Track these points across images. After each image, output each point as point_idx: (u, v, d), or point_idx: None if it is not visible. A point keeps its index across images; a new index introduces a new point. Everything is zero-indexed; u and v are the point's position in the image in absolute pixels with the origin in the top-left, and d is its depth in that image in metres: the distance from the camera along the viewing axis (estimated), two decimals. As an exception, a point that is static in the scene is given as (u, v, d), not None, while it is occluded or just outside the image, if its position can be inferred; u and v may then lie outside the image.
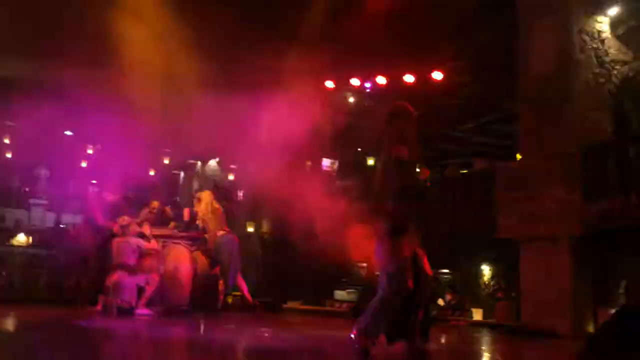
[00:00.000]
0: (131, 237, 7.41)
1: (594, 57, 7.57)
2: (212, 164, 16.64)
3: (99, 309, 7.06)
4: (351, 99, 12.62)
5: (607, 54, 7.71)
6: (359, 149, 13.79)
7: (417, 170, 4.29)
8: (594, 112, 7.41)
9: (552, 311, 6.83)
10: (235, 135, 11.10)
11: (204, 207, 7.96)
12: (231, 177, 15.72)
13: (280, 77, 9.14)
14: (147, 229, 7.84)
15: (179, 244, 8.06)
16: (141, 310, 7.10)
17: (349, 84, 11.35)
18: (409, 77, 10.52)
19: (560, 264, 6.85)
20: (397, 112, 4.35)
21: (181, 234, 8.24)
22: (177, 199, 16.39)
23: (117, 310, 6.88)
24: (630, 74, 8.03)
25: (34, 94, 9.60)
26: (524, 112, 7.85)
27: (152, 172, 16.97)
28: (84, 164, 16.28)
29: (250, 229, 13.22)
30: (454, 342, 6.15)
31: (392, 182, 4.04)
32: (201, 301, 8.01)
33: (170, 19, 8.02)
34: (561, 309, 6.75)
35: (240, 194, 14.69)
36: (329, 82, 11.32)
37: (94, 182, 17.54)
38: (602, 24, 7.73)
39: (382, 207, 4.14)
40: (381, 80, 10.81)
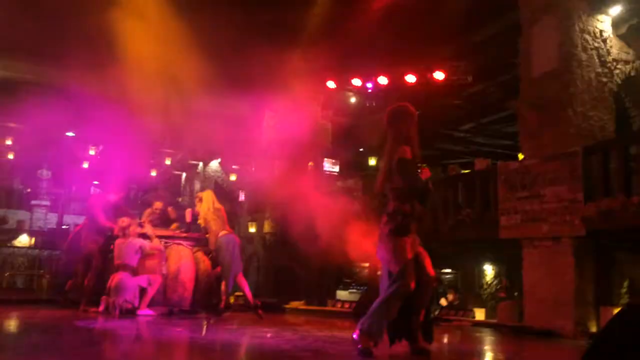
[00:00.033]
0: (133, 237, 7.40)
1: (595, 57, 7.57)
2: (214, 164, 16.68)
3: (102, 309, 7.06)
4: (353, 99, 12.64)
5: (609, 53, 7.71)
6: (361, 149, 13.81)
7: (419, 170, 4.27)
8: (596, 111, 7.42)
9: (555, 311, 6.82)
10: (236, 135, 11.12)
11: (206, 206, 7.92)
12: (233, 177, 15.74)
13: (282, 78, 9.15)
14: (150, 229, 7.84)
15: (181, 244, 8.06)
16: (143, 310, 7.09)
17: (351, 84, 11.36)
18: (410, 77, 10.53)
19: (562, 264, 6.84)
20: (398, 112, 4.34)
21: (183, 235, 8.24)
22: (180, 199, 16.43)
23: (120, 310, 6.88)
24: (632, 73, 8.03)
25: (36, 96, 9.61)
26: (526, 111, 7.83)
27: (153, 173, 17.02)
28: (86, 165, 16.31)
29: (252, 229, 13.22)
30: (457, 342, 6.14)
31: (395, 183, 4.03)
32: (203, 302, 8.01)
33: (173, 19, 8.02)
34: (564, 308, 6.74)
35: (242, 195, 14.69)
36: (331, 82, 11.34)
37: (96, 183, 17.58)
38: (604, 23, 7.74)
39: (384, 208, 4.14)
40: (383, 80, 10.82)
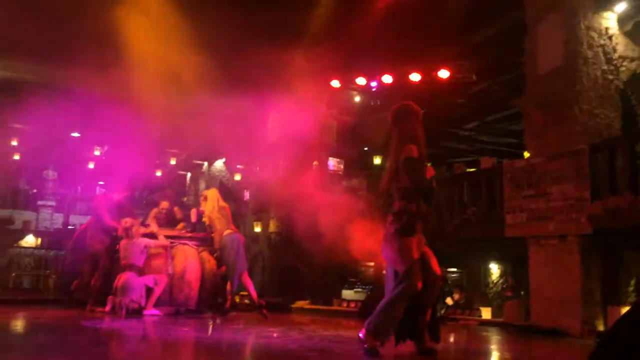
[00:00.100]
0: (138, 237, 7.41)
1: (601, 54, 7.53)
2: (219, 164, 16.69)
3: (108, 309, 7.08)
4: (357, 98, 12.62)
5: (614, 50, 7.67)
6: (365, 148, 13.79)
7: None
8: (602, 109, 7.39)
9: (562, 310, 6.79)
10: (241, 135, 11.12)
11: (210, 205, 7.91)
12: (238, 177, 15.75)
13: (286, 77, 9.15)
14: (155, 226, 7.86)
15: (186, 244, 8.07)
16: (150, 310, 7.11)
17: (355, 83, 11.34)
18: (414, 76, 10.50)
19: (569, 262, 6.82)
20: (403, 111, 4.32)
21: (188, 235, 8.25)
22: (185, 199, 16.46)
23: (126, 310, 6.90)
24: (638, 71, 7.99)
25: (42, 97, 9.64)
26: (531, 109, 7.80)
27: (159, 173, 17.06)
28: (92, 166, 16.37)
29: (257, 228, 13.23)
30: (463, 342, 6.12)
31: (402, 182, 4.02)
32: (209, 301, 8.02)
33: (177, 20, 8.03)
34: (571, 307, 6.72)
35: (246, 194, 14.70)
36: (335, 82, 11.33)
37: (101, 183, 17.62)
38: (610, 20, 7.70)
39: (389, 207, 4.13)
40: (387, 79, 10.80)
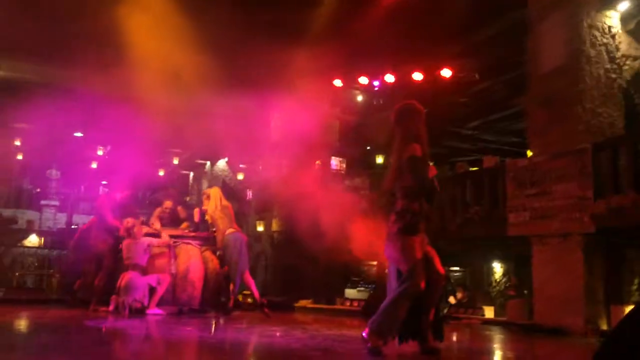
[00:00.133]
0: (140, 237, 7.42)
1: (604, 53, 7.51)
2: (221, 163, 16.71)
3: (111, 309, 7.10)
4: (360, 97, 12.62)
5: (617, 49, 7.65)
6: (368, 147, 13.79)
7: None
8: (605, 107, 7.37)
9: (565, 309, 6.79)
10: (244, 134, 11.13)
11: (213, 204, 7.92)
12: (240, 176, 15.77)
13: (289, 77, 9.15)
14: (157, 224, 7.88)
15: (189, 244, 8.09)
16: (153, 310, 7.12)
17: (358, 83, 11.34)
18: (417, 75, 10.49)
19: (572, 261, 6.81)
20: (406, 110, 4.32)
21: (191, 234, 8.27)
22: (187, 198, 16.47)
23: (129, 310, 6.91)
24: (641, 69, 7.97)
25: (45, 97, 9.66)
26: (534, 108, 7.79)
27: (161, 172, 17.09)
28: (95, 165, 16.40)
29: (260, 228, 13.24)
30: (466, 341, 6.12)
31: (405, 181, 4.02)
32: (212, 301, 8.04)
33: (180, 19, 8.04)
34: (574, 306, 6.71)
35: (249, 194, 14.72)
36: (338, 81, 11.33)
37: (104, 182, 17.66)
38: (613, 19, 7.68)
39: (392, 206, 4.13)
40: (389, 78, 10.79)
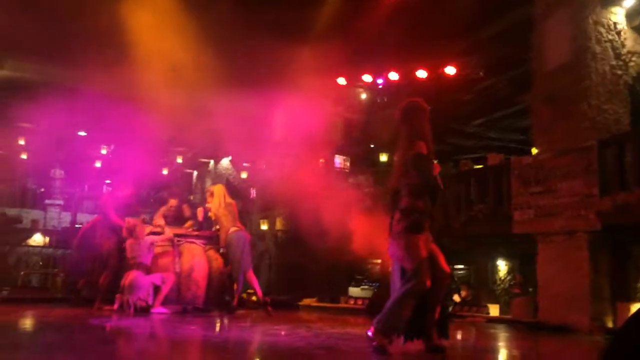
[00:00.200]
0: (143, 236, 7.41)
1: (610, 49, 7.47)
2: (225, 162, 16.71)
3: (116, 307, 7.10)
4: (363, 95, 12.60)
5: (623, 45, 7.61)
6: (372, 145, 13.77)
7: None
8: (611, 104, 7.33)
9: (571, 306, 6.76)
10: (247, 133, 11.12)
11: (217, 201, 7.91)
12: (244, 175, 15.76)
13: (292, 75, 9.13)
14: (161, 221, 7.88)
15: (193, 243, 8.09)
16: (157, 309, 7.12)
17: (361, 81, 11.32)
18: (421, 73, 10.46)
19: (578, 259, 6.78)
20: (411, 108, 4.30)
21: (195, 233, 8.27)
22: (191, 197, 16.48)
23: (134, 309, 6.92)
24: (647, 65, 7.92)
25: (48, 96, 9.66)
26: (539, 105, 7.76)
27: (165, 171, 17.11)
28: (98, 164, 16.43)
29: (264, 226, 13.24)
30: (471, 339, 6.10)
31: (411, 179, 4.00)
32: (216, 299, 8.04)
33: (184, 17, 8.02)
34: (579, 303, 6.68)
35: (253, 192, 14.71)
36: (341, 79, 11.31)
37: (108, 181, 17.68)
38: (618, 15, 7.64)
39: (396, 204, 4.11)
40: (393, 76, 10.77)
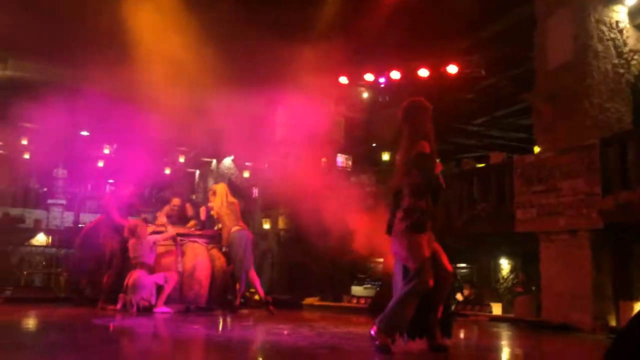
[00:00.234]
0: (145, 236, 7.41)
1: (612, 48, 7.46)
2: (227, 161, 16.72)
3: (119, 307, 7.12)
4: (365, 94, 12.60)
5: (625, 43, 7.60)
6: (374, 145, 13.76)
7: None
8: (613, 102, 7.32)
9: (573, 305, 6.76)
10: (249, 132, 11.13)
11: (219, 200, 7.91)
12: (246, 174, 15.77)
13: (294, 74, 9.13)
14: (163, 219, 7.89)
15: (196, 242, 8.10)
16: (160, 308, 7.14)
17: (363, 80, 11.32)
18: (423, 72, 10.45)
19: (580, 257, 6.78)
20: (413, 107, 4.30)
21: (198, 232, 8.28)
22: (194, 196, 16.50)
23: (137, 308, 6.94)
24: (649, 64, 7.90)
25: (51, 96, 9.68)
26: (541, 104, 7.75)
27: (167, 171, 17.12)
28: (101, 164, 16.44)
29: (266, 225, 13.25)
30: (474, 338, 6.10)
31: (412, 178, 4.00)
32: (219, 299, 8.06)
33: (186, 16, 8.03)
34: (582, 302, 6.68)
35: (255, 191, 14.72)
36: (343, 78, 11.31)
37: (111, 181, 17.71)
38: (620, 13, 7.62)
39: (400, 203, 4.11)
40: (395, 75, 10.76)
